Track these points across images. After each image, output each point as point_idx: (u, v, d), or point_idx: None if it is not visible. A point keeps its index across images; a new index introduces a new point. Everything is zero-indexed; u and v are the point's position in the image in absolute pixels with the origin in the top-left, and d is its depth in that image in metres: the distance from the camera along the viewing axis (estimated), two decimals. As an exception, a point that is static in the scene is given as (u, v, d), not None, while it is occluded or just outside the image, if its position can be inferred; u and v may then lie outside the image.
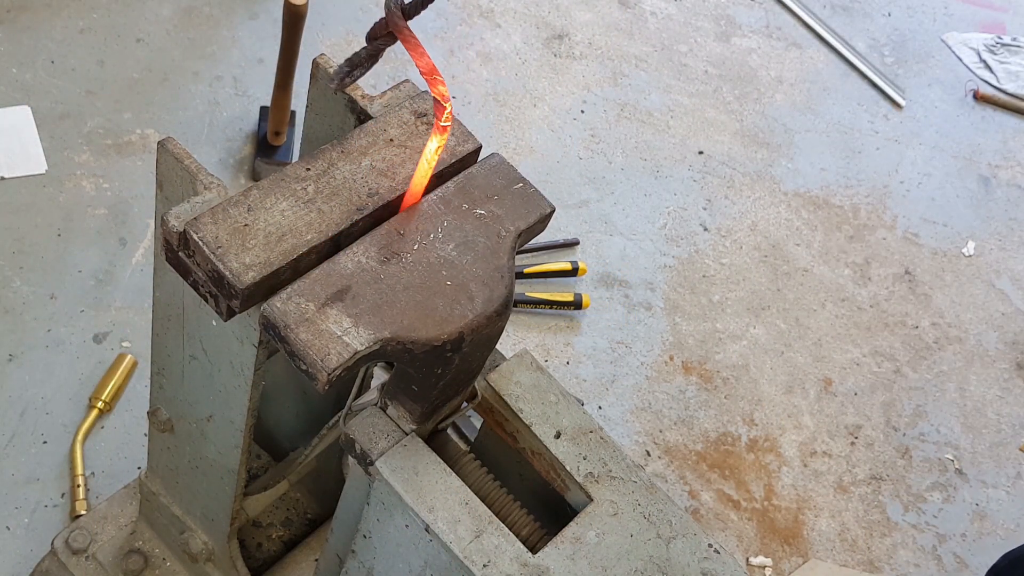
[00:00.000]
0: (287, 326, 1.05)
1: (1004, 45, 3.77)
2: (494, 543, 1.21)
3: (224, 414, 1.36)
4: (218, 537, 1.62)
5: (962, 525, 2.55)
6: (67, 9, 2.76)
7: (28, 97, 2.56)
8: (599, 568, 1.24)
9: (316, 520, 1.88)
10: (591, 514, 1.28)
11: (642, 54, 3.21)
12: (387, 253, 1.13)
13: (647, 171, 2.95)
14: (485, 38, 3.08)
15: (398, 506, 1.23)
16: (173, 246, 1.11)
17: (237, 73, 2.79)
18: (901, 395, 2.72)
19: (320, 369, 1.03)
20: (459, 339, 1.12)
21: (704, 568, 1.27)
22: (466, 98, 2.93)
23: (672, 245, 2.82)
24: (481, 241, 1.17)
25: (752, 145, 3.10)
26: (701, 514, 2.37)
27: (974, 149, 3.42)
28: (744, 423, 2.54)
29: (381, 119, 1.22)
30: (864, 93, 3.44)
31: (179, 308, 1.29)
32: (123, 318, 2.29)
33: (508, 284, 1.16)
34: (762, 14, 3.49)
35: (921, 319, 2.89)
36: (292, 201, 1.13)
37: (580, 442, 1.32)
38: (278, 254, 1.08)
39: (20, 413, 2.14)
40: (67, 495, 2.06)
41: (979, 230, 3.19)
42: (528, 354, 1.37)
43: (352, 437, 1.25)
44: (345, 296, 1.08)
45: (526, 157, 2.86)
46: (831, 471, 2.53)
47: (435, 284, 1.13)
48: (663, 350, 2.62)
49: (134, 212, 2.45)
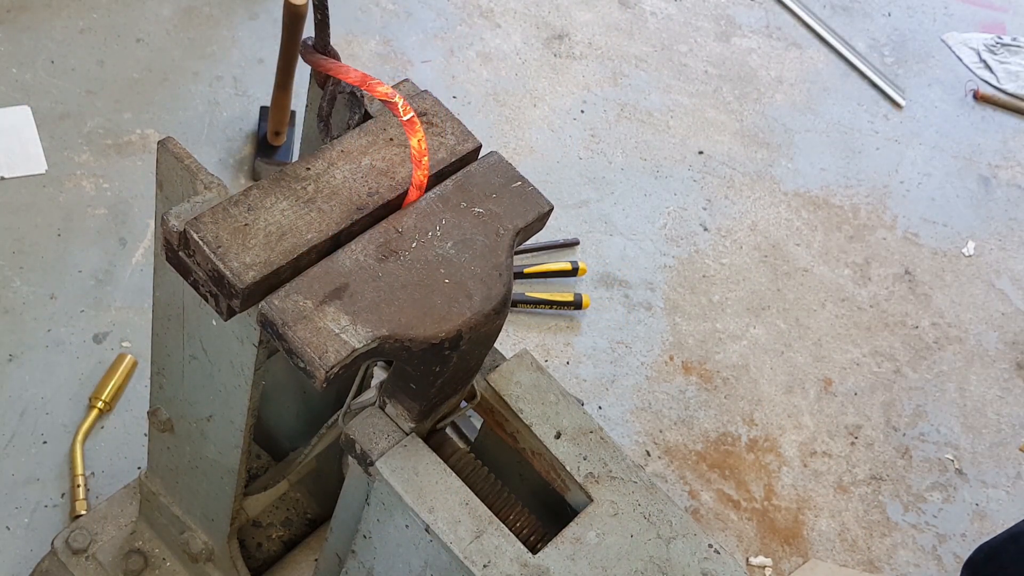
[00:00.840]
0: (285, 324, 1.05)
1: (1004, 45, 3.77)
2: (494, 543, 1.21)
3: (224, 414, 1.36)
4: (218, 537, 1.62)
5: (962, 525, 2.55)
6: (67, 9, 2.76)
7: (28, 97, 2.56)
8: (599, 568, 1.24)
9: (316, 520, 1.88)
10: (591, 514, 1.28)
11: (642, 54, 3.21)
12: (385, 251, 1.13)
13: (647, 171, 2.95)
14: (485, 38, 3.08)
15: (398, 506, 1.23)
16: (173, 246, 1.11)
17: (237, 73, 2.79)
18: (901, 395, 2.72)
19: (318, 367, 1.03)
20: (457, 337, 1.12)
21: (704, 568, 1.27)
22: (466, 98, 2.93)
23: (672, 245, 2.82)
24: (479, 239, 1.17)
25: (752, 145, 3.10)
26: (701, 514, 2.37)
27: (974, 149, 3.42)
28: (744, 423, 2.54)
29: (381, 119, 1.22)
30: (864, 93, 3.44)
31: (179, 308, 1.29)
32: (123, 318, 2.29)
33: (506, 282, 1.16)
34: (762, 14, 3.49)
35: (921, 319, 2.89)
36: (292, 200, 1.13)
37: (580, 442, 1.32)
38: (278, 253, 1.08)
39: (20, 413, 2.14)
40: (67, 495, 2.06)
41: (979, 230, 3.19)
42: (528, 354, 1.37)
43: (352, 437, 1.25)
44: (343, 294, 1.08)
45: (526, 157, 2.86)
46: (831, 471, 2.53)
47: (433, 282, 1.13)
48: (663, 350, 2.62)
49: (134, 212, 2.45)
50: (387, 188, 1.17)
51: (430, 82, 2.91)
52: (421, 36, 3.02)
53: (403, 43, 2.99)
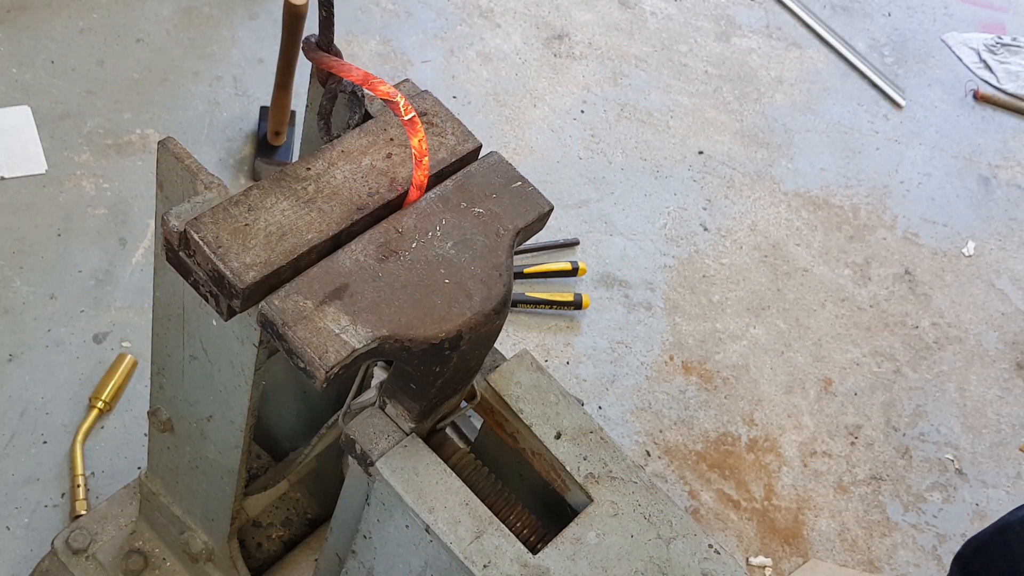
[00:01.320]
0: (285, 324, 1.05)
1: (1004, 45, 3.77)
2: (494, 543, 1.21)
3: (224, 414, 1.36)
4: (218, 537, 1.62)
5: (962, 525, 2.54)
6: (67, 9, 2.76)
7: (28, 97, 2.56)
8: (599, 568, 1.24)
9: (316, 520, 1.88)
10: (591, 514, 1.28)
11: (642, 54, 3.21)
12: (385, 251, 1.13)
13: (647, 171, 2.95)
14: (485, 38, 3.08)
15: (398, 506, 1.23)
16: (173, 246, 1.11)
17: (237, 73, 2.79)
18: (901, 395, 2.72)
19: (318, 367, 1.03)
20: (457, 337, 1.12)
21: (704, 568, 1.27)
22: (466, 98, 2.93)
23: (672, 245, 2.82)
24: (479, 239, 1.17)
25: (752, 145, 3.10)
26: (701, 514, 2.37)
27: (974, 149, 3.42)
28: (744, 423, 2.54)
29: (381, 119, 1.22)
30: (864, 93, 3.44)
31: (179, 308, 1.29)
32: (123, 318, 2.29)
33: (506, 282, 1.16)
34: (762, 14, 3.49)
35: (921, 319, 2.89)
36: (292, 201, 1.13)
37: (580, 442, 1.32)
38: (279, 253, 1.08)
39: (20, 413, 2.14)
40: (67, 495, 2.06)
41: (979, 230, 3.19)
42: (528, 354, 1.37)
43: (352, 437, 1.25)
44: (343, 294, 1.08)
45: (526, 157, 2.86)
46: (831, 471, 2.53)
47: (433, 282, 1.13)
48: (663, 350, 2.62)
49: (134, 212, 2.45)
50: (387, 188, 1.17)
51: (430, 82, 2.91)
52: (421, 36, 3.02)
53: (403, 43, 2.99)
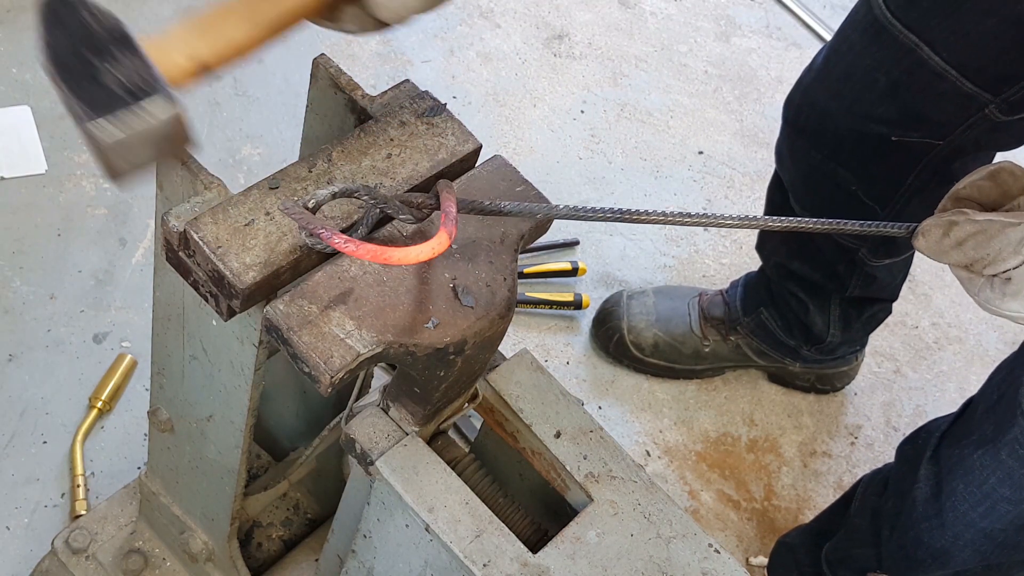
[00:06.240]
0: (290, 328, 1.05)
1: (1004, 45, 3.76)
2: (494, 543, 1.21)
3: (224, 414, 1.36)
4: (218, 537, 1.62)
5: (962, 525, 2.54)
6: (67, 9, 2.75)
7: (28, 97, 2.56)
8: (599, 568, 1.24)
9: (316, 520, 1.88)
10: (591, 514, 1.28)
11: (642, 54, 3.21)
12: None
13: (647, 171, 2.95)
14: (485, 38, 3.08)
15: (398, 506, 1.24)
16: (173, 246, 1.11)
17: (237, 73, 2.79)
18: (901, 395, 2.72)
19: (323, 372, 1.03)
20: (462, 342, 1.12)
21: (704, 568, 1.27)
22: (466, 98, 2.93)
23: (672, 245, 2.82)
24: (484, 243, 1.17)
25: (752, 145, 3.10)
26: (701, 514, 2.37)
27: (974, 149, 3.41)
28: (744, 423, 2.54)
29: (381, 119, 1.22)
30: (864, 93, 3.44)
31: (179, 308, 1.29)
32: (123, 318, 2.29)
33: (511, 286, 1.16)
34: (762, 14, 3.49)
35: (921, 319, 2.88)
36: (293, 201, 1.13)
37: (580, 442, 1.32)
38: (279, 254, 1.08)
39: (20, 413, 2.14)
40: (67, 495, 2.06)
41: (979, 230, 3.18)
42: (528, 354, 1.38)
43: (352, 437, 1.25)
44: (348, 299, 1.08)
45: (526, 157, 2.86)
46: (831, 471, 2.53)
47: (437, 286, 1.13)
48: (663, 350, 2.62)
49: (134, 212, 2.45)
50: (387, 189, 1.17)
51: (430, 82, 2.91)
52: (421, 36, 3.02)
53: (403, 43, 2.99)
